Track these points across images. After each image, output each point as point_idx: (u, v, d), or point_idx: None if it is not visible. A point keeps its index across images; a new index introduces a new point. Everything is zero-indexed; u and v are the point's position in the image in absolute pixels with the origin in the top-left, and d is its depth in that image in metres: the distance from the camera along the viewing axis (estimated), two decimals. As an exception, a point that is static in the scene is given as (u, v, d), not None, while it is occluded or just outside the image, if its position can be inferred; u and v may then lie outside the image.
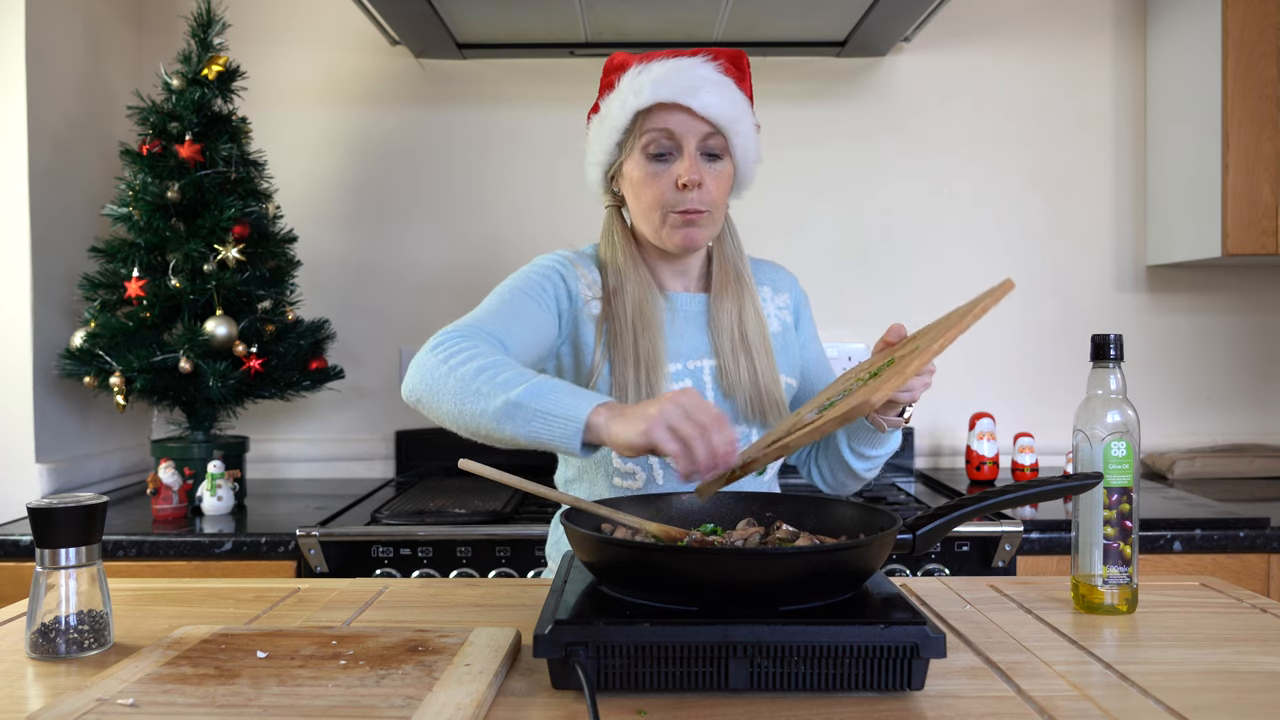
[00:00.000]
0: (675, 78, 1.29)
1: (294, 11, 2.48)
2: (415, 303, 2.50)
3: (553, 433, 1.07)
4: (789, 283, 1.51)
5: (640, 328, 1.33)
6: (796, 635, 0.81)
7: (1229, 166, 2.16)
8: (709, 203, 1.32)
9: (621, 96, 1.32)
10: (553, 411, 1.07)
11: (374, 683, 0.82)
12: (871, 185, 2.51)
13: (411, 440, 2.44)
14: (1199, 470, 2.36)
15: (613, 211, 1.42)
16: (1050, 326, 2.50)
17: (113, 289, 2.02)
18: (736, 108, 1.32)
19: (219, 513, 1.94)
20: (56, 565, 0.94)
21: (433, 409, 1.16)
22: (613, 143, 1.35)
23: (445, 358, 1.16)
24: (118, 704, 0.78)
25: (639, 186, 1.34)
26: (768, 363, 1.37)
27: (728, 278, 1.40)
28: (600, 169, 1.40)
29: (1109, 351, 1.09)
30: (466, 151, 2.50)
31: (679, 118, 1.30)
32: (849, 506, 1.04)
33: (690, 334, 1.38)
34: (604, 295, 1.37)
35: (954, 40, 2.49)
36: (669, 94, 1.28)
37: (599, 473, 1.36)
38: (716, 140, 1.32)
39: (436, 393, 1.15)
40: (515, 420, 1.09)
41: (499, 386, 1.10)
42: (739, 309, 1.38)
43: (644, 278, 1.37)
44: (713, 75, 1.30)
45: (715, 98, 1.29)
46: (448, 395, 1.14)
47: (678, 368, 1.36)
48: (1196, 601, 1.13)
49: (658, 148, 1.31)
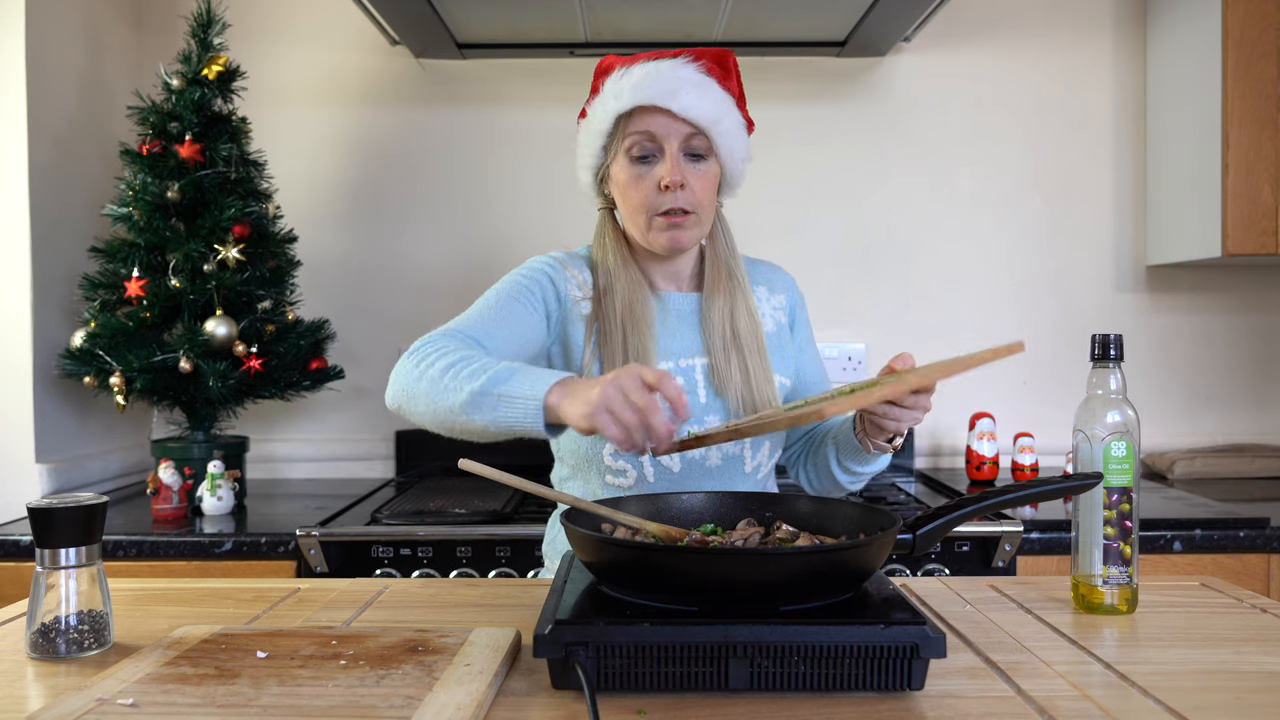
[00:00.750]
0: (654, 80, 1.30)
1: (294, 11, 2.48)
2: (415, 303, 2.50)
3: (516, 414, 1.09)
4: (785, 283, 1.51)
5: (630, 326, 1.34)
6: (796, 635, 0.81)
7: (1229, 166, 2.16)
8: (694, 203, 1.32)
9: (604, 100, 1.34)
10: (513, 394, 1.09)
11: (374, 683, 0.82)
12: (871, 185, 2.51)
13: (411, 440, 2.44)
14: (1199, 470, 2.36)
15: (605, 214, 1.43)
16: (1050, 326, 2.50)
17: (113, 289, 2.02)
18: (718, 107, 1.32)
19: (219, 513, 1.94)
20: (56, 565, 0.94)
21: (411, 413, 1.20)
22: (599, 146, 1.37)
23: (417, 362, 1.19)
24: (118, 704, 0.78)
25: (624, 189, 1.35)
26: (760, 361, 1.38)
27: (720, 277, 1.41)
28: (590, 172, 1.41)
29: (1109, 351, 1.09)
30: (466, 151, 2.50)
31: (659, 120, 1.31)
32: (849, 506, 1.04)
33: (681, 332, 1.39)
34: (594, 295, 1.38)
35: (954, 40, 2.49)
36: (647, 96, 1.30)
37: (591, 470, 1.37)
38: (699, 140, 1.32)
39: (412, 396, 1.18)
40: (481, 409, 1.11)
41: (465, 379, 1.13)
42: (731, 308, 1.39)
43: (635, 277, 1.38)
44: (693, 76, 1.31)
45: (695, 99, 1.30)
46: (422, 397, 1.17)
47: (669, 366, 1.36)
48: (1196, 601, 1.13)
49: (640, 150, 1.32)
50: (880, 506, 1.02)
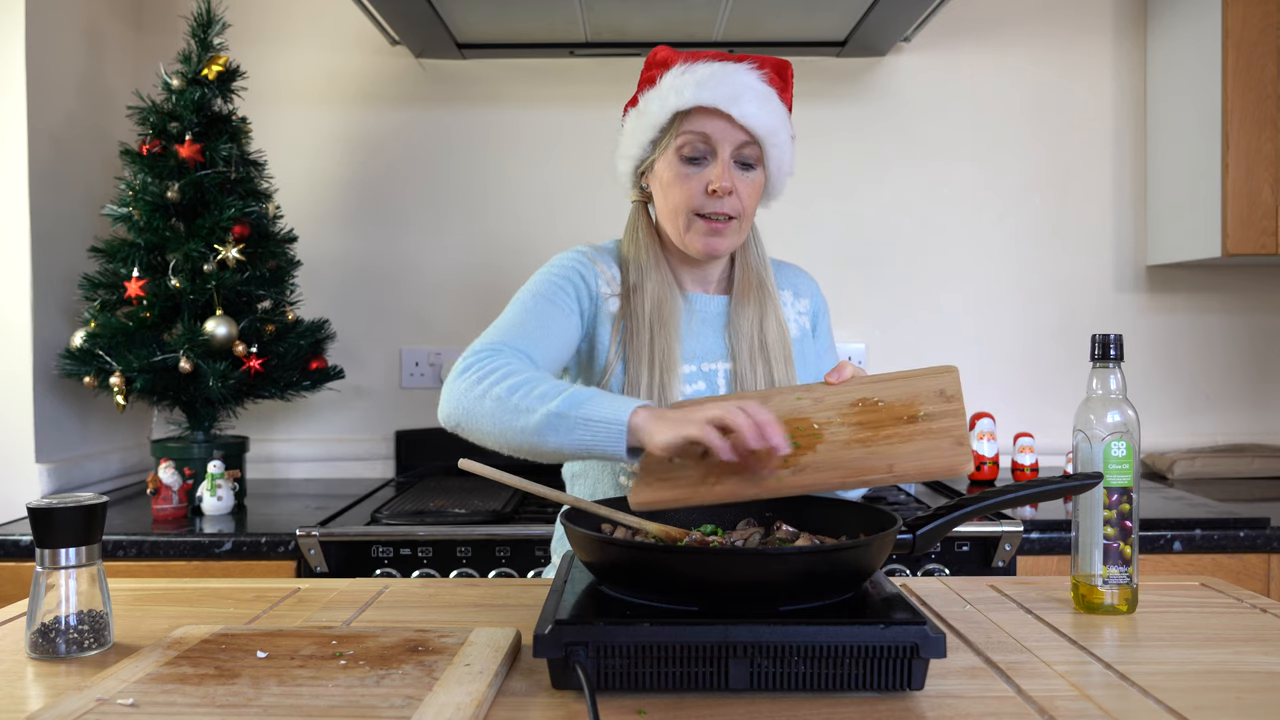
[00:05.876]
0: (719, 82, 1.28)
1: (294, 11, 2.48)
2: (415, 303, 2.50)
3: (597, 438, 1.08)
4: (810, 288, 1.50)
5: (657, 326, 1.32)
6: (796, 635, 0.81)
7: (1229, 166, 2.16)
8: (738, 210, 1.31)
9: (662, 94, 1.31)
10: (594, 417, 1.08)
11: (374, 683, 0.82)
12: (871, 185, 2.51)
13: (411, 440, 2.44)
14: (1199, 470, 2.36)
15: (638, 207, 1.41)
16: (1050, 326, 2.50)
17: (113, 289, 2.02)
18: (775, 119, 1.31)
19: (219, 513, 1.94)
20: (56, 565, 0.94)
21: (473, 432, 1.17)
22: (648, 139, 1.34)
23: (477, 380, 1.17)
24: (118, 704, 0.78)
25: (668, 186, 1.33)
26: (786, 371, 1.37)
27: (750, 285, 1.39)
28: (632, 163, 1.38)
29: (1109, 351, 1.09)
30: (466, 151, 2.50)
31: (717, 123, 1.29)
32: (849, 506, 1.04)
33: (707, 336, 1.38)
34: (623, 292, 1.36)
35: (954, 40, 2.49)
36: (710, 98, 1.27)
37: (604, 469, 1.36)
38: (751, 150, 1.31)
39: (474, 416, 1.16)
40: (559, 431, 1.10)
41: (536, 400, 1.12)
42: (760, 316, 1.37)
43: (665, 277, 1.36)
44: (756, 84, 1.29)
45: (755, 107, 1.28)
46: (486, 417, 1.15)
47: (691, 369, 1.35)
48: (1196, 601, 1.13)
49: (692, 151, 1.30)
50: (880, 506, 1.02)
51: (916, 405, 1.15)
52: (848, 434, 1.13)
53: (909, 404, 1.15)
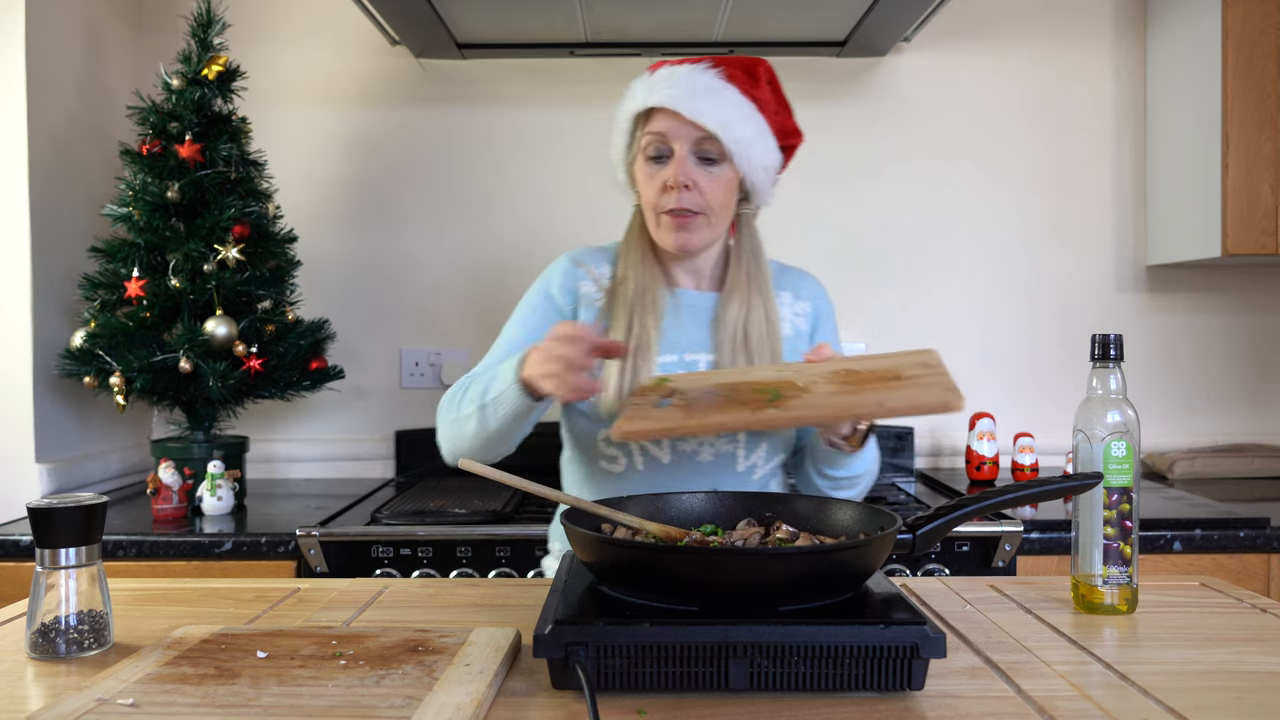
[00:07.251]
0: (670, 83, 1.35)
1: (294, 11, 2.48)
2: (415, 303, 2.50)
3: (513, 405, 1.23)
4: (813, 291, 1.53)
5: (637, 312, 1.39)
6: (796, 635, 0.81)
7: (1229, 166, 2.16)
8: (702, 205, 1.36)
9: (627, 100, 1.41)
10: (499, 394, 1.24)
11: (374, 683, 0.82)
12: (871, 185, 2.51)
13: (411, 440, 2.44)
14: (1199, 470, 2.36)
15: (637, 209, 1.47)
16: (1050, 326, 2.50)
17: (113, 289, 2.02)
18: (730, 113, 1.35)
19: (219, 513, 1.94)
20: (56, 565, 0.94)
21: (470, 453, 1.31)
22: (624, 144, 1.43)
23: (445, 410, 1.35)
24: (118, 704, 0.78)
25: (640, 186, 1.41)
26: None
27: (740, 281, 1.43)
28: (624, 168, 1.47)
29: (1109, 351, 1.09)
30: (466, 151, 2.50)
31: (671, 121, 1.36)
32: (849, 506, 1.04)
33: (691, 328, 1.42)
34: (611, 286, 1.43)
35: (954, 40, 2.49)
36: (659, 99, 1.35)
37: (588, 455, 1.43)
38: (712, 145, 1.35)
39: (460, 443, 1.32)
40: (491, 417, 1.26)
41: (470, 404, 1.29)
42: (747, 311, 1.41)
43: (652, 271, 1.43)
44: (710, 82, 1.35)
45: (706, 103, 1.34)
46: (466, 439, 1.31)
47: (672, 359, 1.40)
48: (1196, 601, 1.13)
49: (654, 150, 1.38)
50: (880, 506, 1.02)
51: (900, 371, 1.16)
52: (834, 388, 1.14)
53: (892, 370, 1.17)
